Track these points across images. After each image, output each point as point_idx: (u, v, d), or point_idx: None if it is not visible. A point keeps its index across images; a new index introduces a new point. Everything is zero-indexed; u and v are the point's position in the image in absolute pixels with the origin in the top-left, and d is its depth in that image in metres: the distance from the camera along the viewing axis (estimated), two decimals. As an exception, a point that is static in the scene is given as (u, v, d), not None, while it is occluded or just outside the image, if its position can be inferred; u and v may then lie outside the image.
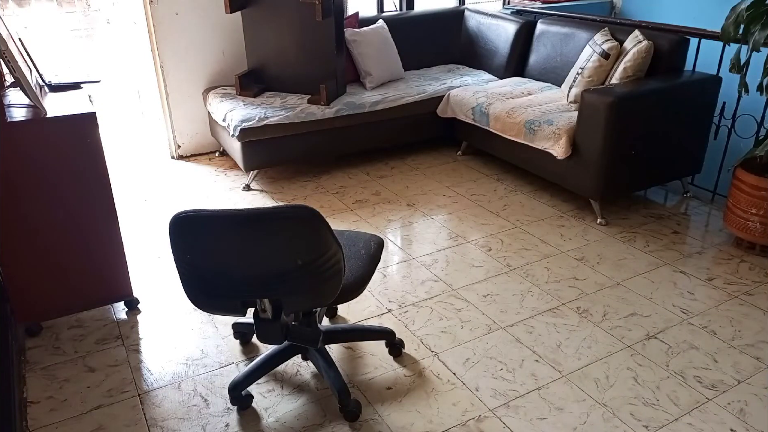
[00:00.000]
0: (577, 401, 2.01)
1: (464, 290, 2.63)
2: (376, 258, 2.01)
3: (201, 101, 4.03)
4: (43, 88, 2.35)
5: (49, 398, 2.04)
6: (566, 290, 2.62)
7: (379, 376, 2.13)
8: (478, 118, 3.64)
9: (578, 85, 3.36)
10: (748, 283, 2.65)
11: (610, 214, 3.26)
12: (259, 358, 2.09)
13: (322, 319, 2.34)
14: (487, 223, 3.20)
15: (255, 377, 2.05)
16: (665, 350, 2.25)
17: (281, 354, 2.09)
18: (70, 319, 2.44)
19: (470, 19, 4.45)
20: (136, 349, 2.30)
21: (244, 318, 2.20)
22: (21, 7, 4.41)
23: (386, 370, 2.16)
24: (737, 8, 2.69)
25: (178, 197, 3.57)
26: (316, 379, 2.12)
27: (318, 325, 2.07)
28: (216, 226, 1.58)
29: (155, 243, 3.05)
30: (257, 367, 2.05)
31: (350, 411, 1.94)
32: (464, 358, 2.21)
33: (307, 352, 2.11)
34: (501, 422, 1.93)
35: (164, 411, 1.99)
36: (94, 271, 2.35)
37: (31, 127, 2.08)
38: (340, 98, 3.69)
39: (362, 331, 2.37)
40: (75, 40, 4.70)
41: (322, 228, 1.58)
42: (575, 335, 2.33)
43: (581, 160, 3.10)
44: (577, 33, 3.72)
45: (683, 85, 3.22)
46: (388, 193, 3.57)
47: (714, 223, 3.21)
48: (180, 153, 4.14)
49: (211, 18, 3.88)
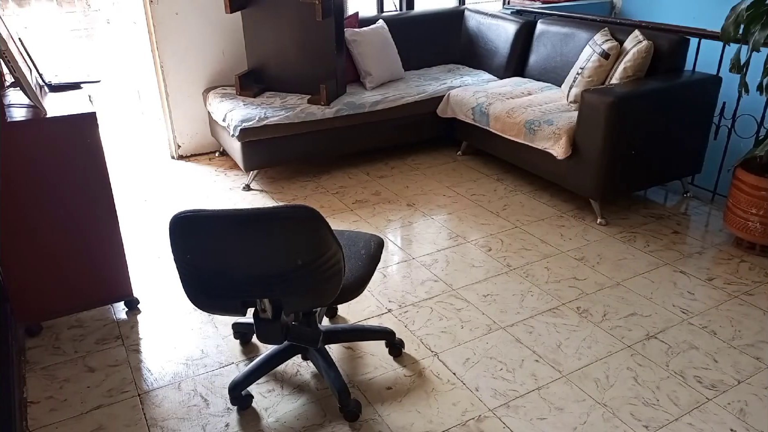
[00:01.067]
0: (577, 401, 2.01)
1: (464, 290, 2.63)
2: (376, 258, 2.01)
3: (201, 101, 4.03)
4: (43, 88, 2.35)
5: (49, 398, 2.04)
6: (566, 290, 2.62)
7: (379, 376, 2.13)
8: (478, 118, 3.64)
9: (578, 85, 3.36)
10: (748, 283, 2.65)
11: (610, 214, 3.26)
12: (259, 358, 2.09)
13: (322, 319, 2.34)
14: (487, 223, 3.20)
15: (255, 377, 2.05)
16: (665, 350, 2.25)
17: (281, 354, 2.09)
18: (70, 319, 2.44)
19: (470, 19, 4.45)
20: (136, 349, 2.30)
21: (244, 318, 2.20)
22: (21, 7, 4.41)
23: (386, 370, 2.16)
24: (737, 8, 2.69)
25: (178, 197, 3.57)
26: (316, 379, 2.12)
27: (318, 325, 2.07)
28: (216, 226, 1.58)
29: (155, 243, 3.05)
30: (257, 368, 2.05)
31: (350, 411, 1.94)
32: (464, 358, 2.21)
33: (307, 352, 2.11)
34: (501, 422, 1.93)
35: (164, 411, 1.99)
36: (94, 271, 2.35)
37: (31, 127, 2.08)
38: (340, 98, 3.69)
39: (362, 331, 2.37)
40: (75, 40, 4.70)
41: (322, 228, 1.58)
42: (575, 335, 2.33)
43: (581, 160, 3.10)
44: (577, 33, 3.72)
45: (683, 85, 3.22)
46: (388, 193, 3.57)
47: (714, 223, 3.21)
48: (180, 153, 4.14)
49: (211, 18, 3.88)
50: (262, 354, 2.18)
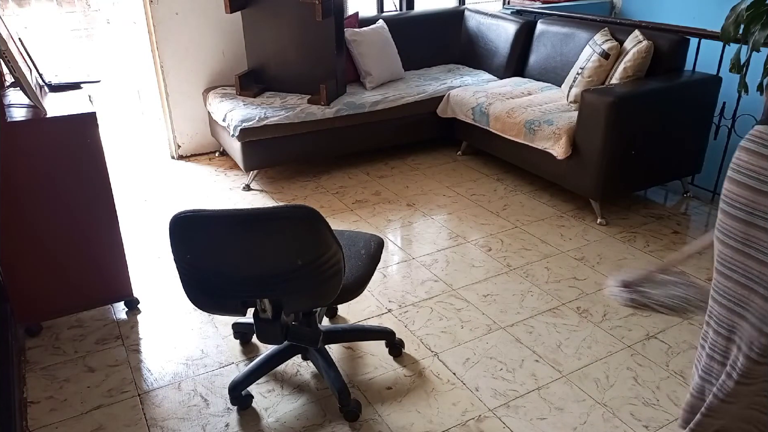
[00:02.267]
0: (577, 401, 2.01)
1: (464, 290, 2.63)
2: (376, 258, 2.01)
3: (201, 101, 4.03)
4: (43, 88, 2.35)
5: (49, 398, 2.04)
6: (566, 290, 2.62)
7: (379, 376, 2.13)
8: (478, 118, 3.64)
9: (578, 85, 3.36)
10: (748, 283, 2.65)
11: (610, 214, 3.26)
12: (259, 358, 2.09)
13: (322, 319, 2.34)
14: (487, 223, 3.20)
15: (255, 377, 2.05)
16: (665, 350, 2.25)
17: (281, 354, 2.09)
18: (70, 319, 2.44)
19: (470, 19, 4.45)
20: (136, 349, 2.30)
21: (244, 318, 2.20)
22: (21, 7, 4.41)
23: (386, 370, 2.16)
24: (737, 8, 2.68)
25: (178, 197, 3.57)
26: (316, 379, 2.12)
27: (318, 325, 2.07)
28: (216, 226, 1.58)
29: (155, 243, 3.05)
30: (257, 367, 2.05)
31: (350, 411, 1.94)
32: (464, 358, 2.21)
33: (307, 352, 2.11)
34: (501, 422, 1.93)
35: (164, 411, 1.99)
36: (94, 271, 2.35)
37: (31, 127, 2.08)
38: (340, 98, 3.69)
39: (362, 331, 2.37)
40: (75, 40, 4.70)
41: (322, 228, 1.58)
42: (575, 335, 2.33)
43: (581, 160, 3.10)
44: (577, 33, 3.72)
45: (683, 85, 3.22)
46: (388, 193, 3.57)
47: (714, 224, 3.20)
48: (180, 153, 4.14)
49: (211, 18, 3.88)
50: (262, 354, 2.18)
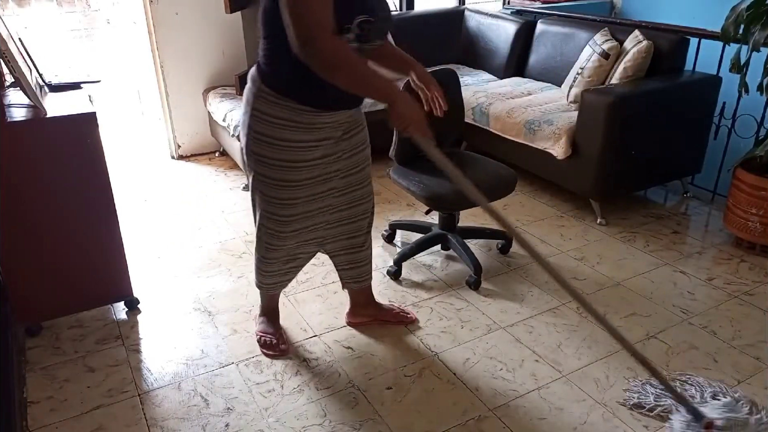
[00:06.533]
0: (577, 401, 2.01)
1: (464, 290, 2.63)
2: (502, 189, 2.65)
3: (201, 101, 4.03)
4: (43, 88, 2.35)
5: (49, 398, 2.04)
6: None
7: (379, 376, 2.13)
8: (478, 118, 3.64)
9: (578, 85, 3.36)
10: (748, 283, 2.65)
11: (610, 214, 3.26)
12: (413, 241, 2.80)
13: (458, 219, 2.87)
14: (487, 222, 3.20)
15: (407, 257, 2.75)
16: (665, 350, 2.25)
17: (430, 241, 2.80)
18: (70, 319, 2.44)
19: (470, 19, 4.45)
20: (136, 349, 2.30)
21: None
22: (21, 7, 4.41)
23: (386, 370, 2.16)
24: (737, 8, 2.69)
25: (178, 197, 3.57)
26: (317, 379, 2.12)
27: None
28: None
29: (155, 243, 3.05)
30: (411, 248, 2.76)
31: (477, 281, 2.61)
32: (464, 358, 2.21)
33: (447, 241, 2.79)
34: (501, 422, 1.93)
35: (164, 411, 1.99)
36: (94, 271, 2.35)
37: (31, 127, 2.07)
38: (340, 98, 3.68)
39: (484, 231, 2.99)
40: (75, 40, 4.70)
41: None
42: (575, 335, 2.33)
43: (581, 160, 3.10)
44: (577, 33, 3.72)
45: (683, 85, 3.22)
46: (388, 193, 3.57)
47: (714, 223, 3.20)
48: (180, 153, 4.14)
49: (211, 18, 3.88)
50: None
